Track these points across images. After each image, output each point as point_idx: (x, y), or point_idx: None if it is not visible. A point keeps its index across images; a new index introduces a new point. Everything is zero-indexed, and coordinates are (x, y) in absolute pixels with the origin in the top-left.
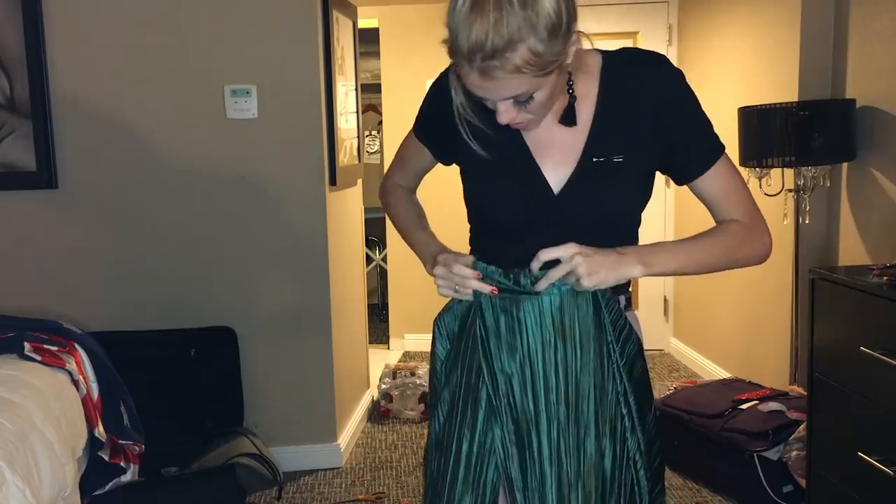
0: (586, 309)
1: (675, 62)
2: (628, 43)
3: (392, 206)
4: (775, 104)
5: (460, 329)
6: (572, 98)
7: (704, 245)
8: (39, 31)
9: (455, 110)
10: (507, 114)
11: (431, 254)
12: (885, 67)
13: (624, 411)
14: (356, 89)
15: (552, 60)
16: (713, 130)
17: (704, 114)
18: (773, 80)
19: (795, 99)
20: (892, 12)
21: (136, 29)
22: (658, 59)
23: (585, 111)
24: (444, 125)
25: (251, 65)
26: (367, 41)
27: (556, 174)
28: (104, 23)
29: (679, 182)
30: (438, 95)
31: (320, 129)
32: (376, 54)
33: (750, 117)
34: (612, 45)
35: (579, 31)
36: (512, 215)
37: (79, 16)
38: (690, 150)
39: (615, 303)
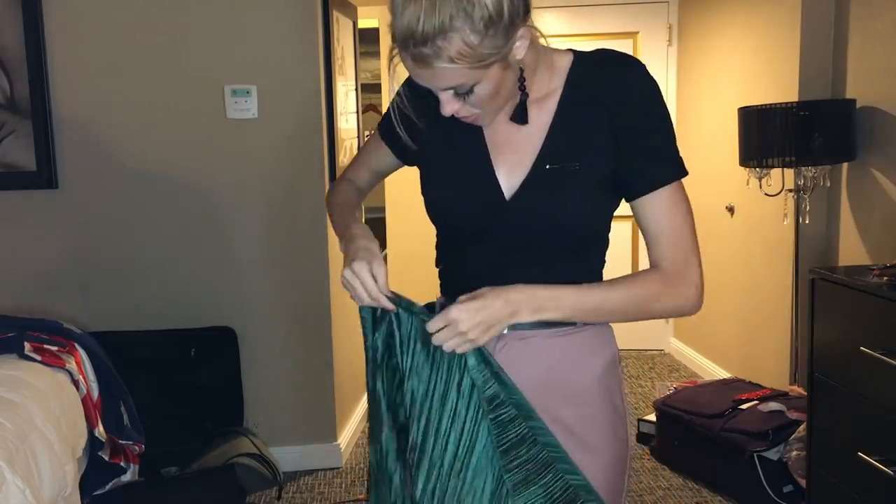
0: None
1: (674, 62)
2: (628, 43)
3: (332, 197)
4: (775, 104)
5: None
6: (524, 95)
7: (613, 294)
8: (39, 31)
9: (393, 103)
10: (449, 105)
11: (352, 240)
12: (885, 67)
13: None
14: (356, 89)
15: (490, 54)
16: (676, 152)
17: (670, 130)
18: (773, 80)
19: (795, 99)
20: (892, 12)
21: (136, 29)
22: (628, 61)
23: (546, 112)
24: (410, 123)
25: (251, 65)
26: (367, 41)
27: (510, 179)
28: (104, 23)
29: (627, 198)
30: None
31: (320, 129)
32: (376, 54)
33: (750, 117)
34: (612, 45)
35: (531, 28)
36: (465, 219)
37: (79, 16)
38: (639, 163)
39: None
